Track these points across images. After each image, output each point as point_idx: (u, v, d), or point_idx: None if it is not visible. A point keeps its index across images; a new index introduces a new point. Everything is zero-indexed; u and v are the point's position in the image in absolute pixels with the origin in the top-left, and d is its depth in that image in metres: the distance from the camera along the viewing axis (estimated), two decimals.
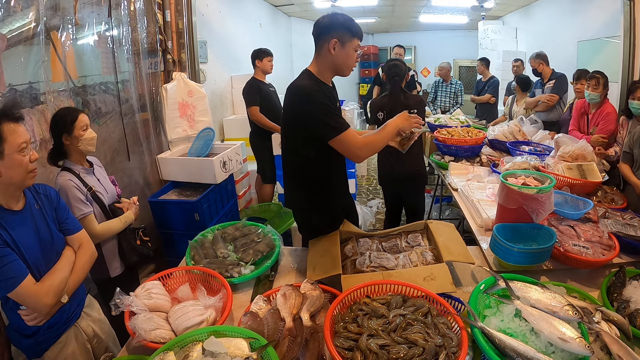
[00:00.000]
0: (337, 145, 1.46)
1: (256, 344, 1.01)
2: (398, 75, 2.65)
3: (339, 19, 1.50)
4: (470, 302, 1.11)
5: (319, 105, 1.44)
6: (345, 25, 1.49)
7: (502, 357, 0.96)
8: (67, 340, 1.33)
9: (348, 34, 1.49)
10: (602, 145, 2.65)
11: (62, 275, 1.24)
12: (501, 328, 1.06)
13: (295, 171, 1.64)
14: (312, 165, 1.58)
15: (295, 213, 1.80)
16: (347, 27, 1.49)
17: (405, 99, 2.63)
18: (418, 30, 9.67)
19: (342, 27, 1.49)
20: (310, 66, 1.57)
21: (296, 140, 1.57)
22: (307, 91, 1.46)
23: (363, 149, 1.48)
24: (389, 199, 3.00)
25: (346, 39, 1.49)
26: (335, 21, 1.49)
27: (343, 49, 1.49)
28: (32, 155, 1.17)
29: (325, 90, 1.49)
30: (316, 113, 1.44)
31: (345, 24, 1.49)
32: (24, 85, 1.86)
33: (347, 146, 1.46)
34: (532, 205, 1.59)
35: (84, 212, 1.63)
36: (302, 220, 1.78)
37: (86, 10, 2.26)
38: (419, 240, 1.59)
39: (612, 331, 1.10)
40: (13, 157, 1.12)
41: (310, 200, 1.66)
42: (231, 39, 4.74)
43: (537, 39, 5.94)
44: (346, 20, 1.50)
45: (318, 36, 1.52)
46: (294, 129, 1.55)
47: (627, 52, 3.15)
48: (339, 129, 1.44)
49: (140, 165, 2.79)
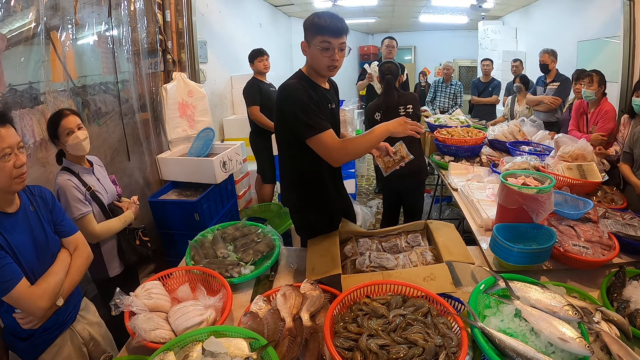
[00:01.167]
0: (314, 145, 1.41)
1: (256, 344, 1.01)
2: (391, 73, 2.62)
3: (307, 19, 1.45)
4: (470, 302, 1.10)
5: (297, 102, 1.41)
6: (309, 23, 1.43)
7: (502, 357, 0.96)
8: (62, 344, 1.32)
9: (310, 33, 1.43)
10: (601, 144, 2.65)
11: (57, 278, 1.22)
12: (501, 328, 1.06)
13: (287, 170, 1.64)
14: (302, 163, 1.56)
15: (290, 213, 1.80)
16: (311, 25, 1.42)
17: (400, 97, 2.61)
18: (418, 30, 9.67)
19: (307, 27, 1.44)
20: (304, 66, 1.56)
21: (284, 139, 1.56)
22: (289, 89, 1.45)
23: (340, 151, 1.41)
24: (388, 196, 2.97)
25: (310, 38, 1.44)
26: (305, 22, 1.45)
27: (309, 49, 1.46)
28: (18, 160, 1.12)
29: (309, 89, 1.45)
30: (294, 110, 1.41)
31: (309, 22, 1.43)
32: (24, 85, 1.86)
33: (324, 147, 1.40)
34: (532, 205, 1.59)
35: (83, 211, 1.63)
36: (298, 220, 1.78)
37: (86, 10, 2.26)
38: (419, 240, 1.59)
39: (612, 331, 1.10)
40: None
41: (303, 199, 1.67)
42: (231, 39, 4.74)
43: (537, 39, 5.93)
44: (312, 19, 1.42)
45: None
46: (280, 127, 1.55)
47: (627, 52, 3.15)
48: (315, 129, 1.39)
49: (140, 165, 2.79)
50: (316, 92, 1.49)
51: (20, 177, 1.14)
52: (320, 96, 1.51)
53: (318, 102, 1.47)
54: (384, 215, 3.07)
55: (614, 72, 3.26)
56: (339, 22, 1.41)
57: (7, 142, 1.09)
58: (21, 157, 1.14)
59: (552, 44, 3.99)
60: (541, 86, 3.92)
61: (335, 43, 1.41)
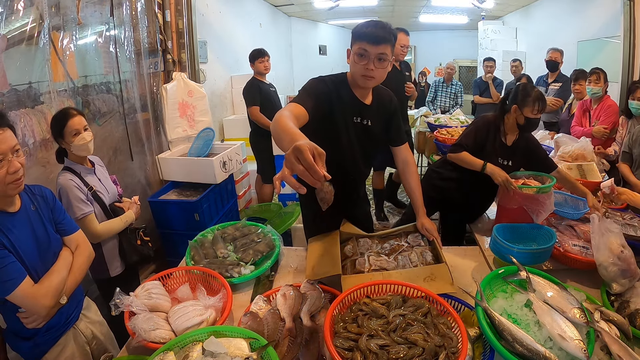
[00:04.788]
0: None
1: (256, 344, 1.01)
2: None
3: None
4: (482, 283, 1.15)
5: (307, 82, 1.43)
6: (353, 29, 1.39)
7: (499, 339, 0.98)
8: (65, 343, 1.32)
9: (352, 39, 1.39)
10: (604, 136, 2.68)
11: (60, 276, 1.22)
12: (507, 312, 1.10)
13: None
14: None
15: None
16: (354, 31, 1.39)
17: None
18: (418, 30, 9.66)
19: (352, 33, 1.39)
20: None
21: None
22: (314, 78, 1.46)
23: (274, 122, 1.17)
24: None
25: (352, 44, 1.39)
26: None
27: (351, 56, 1.41)
28: (11, 167, 1.08)
29: (339, 87, 1.44)
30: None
31: (354, 28, 1.39)
32: (24, 85, 1.86)
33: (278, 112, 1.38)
34: (532, 206, 1.59)
35: (85, 211, 1.63)
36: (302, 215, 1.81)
37: (89, 9, 2.26)
38: (419, 240, 1.59)
39: (612, 331, 1.10)
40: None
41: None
42: (231, 39, 4.74)
43: (537, 39, 5.94)
44: (356, 25, 1.39)
45: None
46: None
47: (627, 52, 3.16)
48: (295, 98, 1.35)
49: (141, 165, 2.79)
50: (347, 99, 1.46)
51: (15, 183, 1.11)
52: (349, 106, 1.48)
53: (339, 104, 1.44)
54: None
55: (614, 72, 3.26)
56: (380, 30, 1.34)
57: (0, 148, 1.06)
58: (15, 162, 1.09)
59: (552, 44, 3.99)
60: (543, 86, 3.92)
61: (372, 51, 1.33)
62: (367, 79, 1.39)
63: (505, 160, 1.89)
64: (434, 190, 2.07)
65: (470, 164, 1.86)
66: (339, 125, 1.48)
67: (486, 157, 1.85)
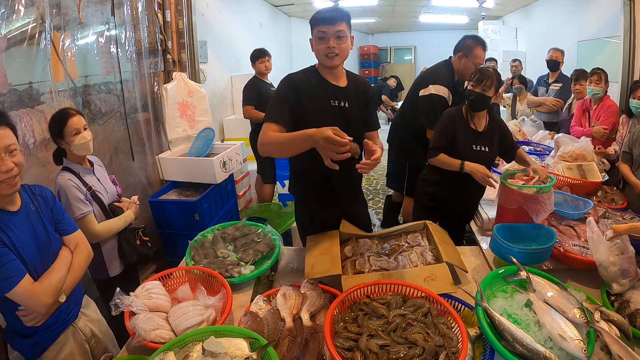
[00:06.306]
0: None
1: (256, 344, 1.01)
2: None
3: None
4: (482, 283, 1.16)
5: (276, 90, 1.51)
6: (310, 21, 1.47)
7: (499, 339, 0.98)
8: (65, 341, 1.32)
9: (311, 28, 1.46)
10: (603, 137, 2.67)
11: (59, 274, 1.23)
12: (507, 312, 1.10)
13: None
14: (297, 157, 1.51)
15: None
16: (310, 22, 1.46)
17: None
18: (418, 30, 9.69)
19: (310, 23, 1.47)
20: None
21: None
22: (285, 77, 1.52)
23: (261, 145, 1.47)
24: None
25: (312, 33, 1.47)
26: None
27: (313, 43, 1.48)
28: (3, 166, 1.07)
29: (310, 79, 1.49)
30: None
31: (310, 19, 1.46)
32: (24, 85, 1.86)
33: (260, 135, 1.47)
34: (532, 206, 1.59)
35: (84, 211, 1.63)
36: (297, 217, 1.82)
37: (90, 9, 2.26)
38: (419, 240, 1.59)
39: (612, 331, 1.10)
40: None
41: (293, 187, 1.74)
42: (231, 39, 4.74)
43: (537, 39, 5.94)
44: (311, 17, 1.46)
45: None
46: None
47: (627, 52, 3.16)
48: (267, 116, 1.46)
49: (141, 165, 2.79)
50: (318, 84, 1.50)
51: (7, 182, 1.10)
52: (322, 89, 1.51)
53: (313, 93, 1.48)
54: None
55: (614, 72, 3.25)
56: (333, 11, 1.42)
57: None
58: (7, 162, 1.08)
59: (552, 43, 3.99)
60: (543, 86, 3.91)
61: (330, 31, 1.40)
62: (331, 58, 1.44)
63: (479, 146, 1.90)
64: (429, 199, 2.08)
65: (449, 164, 1.88)
66: (318, 110, 1.49)
67: (460, 147, 1.87)
